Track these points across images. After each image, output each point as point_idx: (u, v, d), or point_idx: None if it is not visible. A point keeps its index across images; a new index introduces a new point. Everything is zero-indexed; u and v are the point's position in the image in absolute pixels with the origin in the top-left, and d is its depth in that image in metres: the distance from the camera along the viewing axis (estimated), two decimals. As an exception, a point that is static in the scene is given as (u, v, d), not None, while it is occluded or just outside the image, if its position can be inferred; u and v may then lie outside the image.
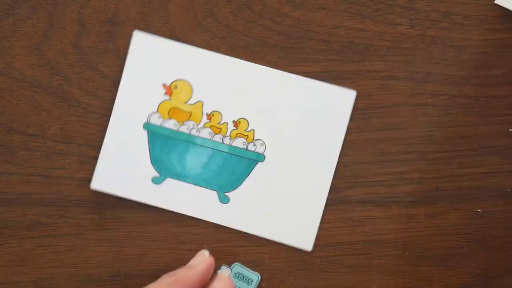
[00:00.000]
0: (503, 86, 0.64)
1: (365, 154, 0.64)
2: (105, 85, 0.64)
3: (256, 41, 0.64)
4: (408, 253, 0.64)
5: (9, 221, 0.65)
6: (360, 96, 0.64)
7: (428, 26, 0.64)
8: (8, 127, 0.65)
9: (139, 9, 0.64)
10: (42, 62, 0.64)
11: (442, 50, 0.64)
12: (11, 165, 0.65)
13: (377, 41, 0.64)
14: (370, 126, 0.64)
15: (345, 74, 0.64)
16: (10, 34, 0.64)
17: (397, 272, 0.64)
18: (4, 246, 0.65)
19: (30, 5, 0.64)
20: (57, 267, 0.65)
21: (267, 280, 0.64)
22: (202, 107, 0.64)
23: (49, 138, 0.65)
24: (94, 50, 0.65)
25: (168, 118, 0.64)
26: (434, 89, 0.64)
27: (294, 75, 0.64)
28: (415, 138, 0.64)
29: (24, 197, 0.64)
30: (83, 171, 0.64)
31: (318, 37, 0.64)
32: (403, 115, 0.64)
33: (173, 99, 0.64)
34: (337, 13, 0.64)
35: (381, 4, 0.64)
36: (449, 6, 0.64)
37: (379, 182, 0.64)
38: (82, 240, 0.64)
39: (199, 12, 0.64)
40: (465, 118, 0.64)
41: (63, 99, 0.65)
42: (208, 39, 0.64)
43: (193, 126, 0.64)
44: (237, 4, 0.64)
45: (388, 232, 0.64)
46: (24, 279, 0.65)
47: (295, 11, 0.64)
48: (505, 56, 0.64)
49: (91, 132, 0.64)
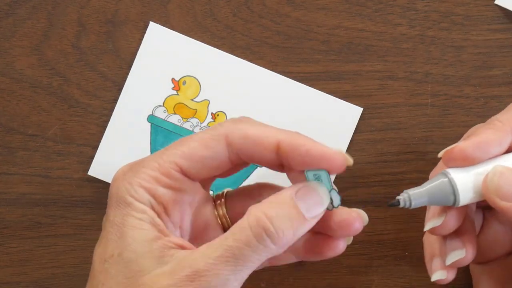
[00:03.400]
0: (502, 86, 0.64)
1: (365, 154, 0.64)
2: (105, 85, 0.64)
3: (255, 41, 0.64)
4: (408, 253, 0.64)
5: (9, 221, 0.65)
6: (360, 96, 0.64)
7: (428, 26, 0.64)
8: (8, 127, 0.65)
9: (139, 9, 0.64)
10: (42, 62, 0.64)
11: (442, 50, 0.64)
12: (11, 165, 0.64)
13: (377, 41, 0.64)
14: (369, 126, 0.64)
15: (345, 74, 0.64)
16: (10, 34, 0.64)
17: (397, 272, 0.64)
18: (4, 246, 0.65)
19: (30, 5, 0.64)
20: (57, 267, 0.65)
21: (267, 280, 0.64)
22: (208, 106, 0.64)
23: (49, 138, 0.64)
24: (94, 50, 0.64)
25: (173, 113, 0.64)
26: (434, 89, 0.64)
27: (305, 86, 0.64)
28: (414, 138, 0.64)
29: (24, 197, 0.64)
30: (83, 171, 0.64)
31: (318, 37, 0.64)
32: (403, 115, 0.64)
33: (180, 95, 0.64)
34: (337, 13, 0.64)
35: (381, 4, 0.64)
36: (449, 6, 0.64)
37: (379, 182, 0.64)
38: (82, 240, 0.64)
39: (199, 12, 0.64)
40: (465, 118, 0.64)
41: (63, 99, 0.65)
42: (208, 39, 0.64)
43: (197, 124, 0.64)
44: (237, 4, 0.64)
45: (388, 232, 0.64)
46: (24, 279, 0.65)
47: (295, 11, 0.64)
48: (505, 56, 0.64)
49: (91, 132, 0.64)
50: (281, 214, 0.47)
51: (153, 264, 0.47)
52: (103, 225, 0.50)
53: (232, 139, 0.50)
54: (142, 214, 0.49)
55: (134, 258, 0.47)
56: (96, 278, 0.49)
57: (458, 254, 0.54)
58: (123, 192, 0.49)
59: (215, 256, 0.47)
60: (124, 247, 0.48)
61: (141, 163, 0.51)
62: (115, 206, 0.49)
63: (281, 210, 0.48)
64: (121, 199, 0.49)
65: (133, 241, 0.48)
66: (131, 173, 0.50)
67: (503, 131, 0.52)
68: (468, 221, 0.54)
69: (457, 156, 0.51)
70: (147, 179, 0.49)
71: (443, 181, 0.51)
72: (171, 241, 0.48)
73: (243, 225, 0.47)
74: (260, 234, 0.47)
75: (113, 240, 0.48)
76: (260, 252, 0.47)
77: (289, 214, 0.48)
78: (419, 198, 0.51)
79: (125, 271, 0.48)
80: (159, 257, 0.48)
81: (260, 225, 0.47)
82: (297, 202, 0.48)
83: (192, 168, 0.50)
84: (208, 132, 0.51)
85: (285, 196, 0.49)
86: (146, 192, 0.49)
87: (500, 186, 0.51)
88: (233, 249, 0.47)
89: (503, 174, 0.51)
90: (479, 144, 0.51)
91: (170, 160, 0.50)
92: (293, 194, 0.49)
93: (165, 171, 0.50)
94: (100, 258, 0.49)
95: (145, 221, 0.48)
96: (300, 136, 0.50)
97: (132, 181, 0.49)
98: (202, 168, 0.50)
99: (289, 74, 0.64)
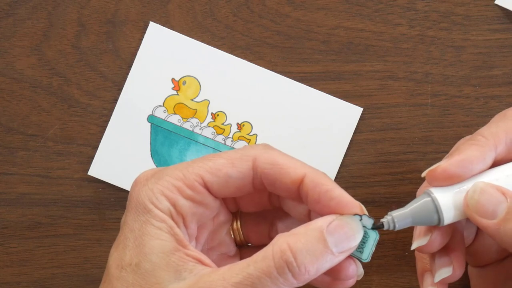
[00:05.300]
0: (502, 86, 0.64)
1: (364, 154, 0.64)
2: (105, 85, 0.64)
3: (255, 41, 0.64)
4: (408, 253, 0.64)
5: (9, 221, 0.65)
6: (360, 96, 0.64)
7: (427, 26, 0.64)
8: (8, 127, 0.65)
9: (139, 9, 0.64)
10: (42, 62, 0.64)
11: (442, 50, 0.64)
12: (11, 165, 0.64)
13: (377, 41, 0.64)
14: (369, 126, 0.64)
15: (345, 74, 0.64)
16: (10, 34, 0.64)
17: (397, 272, 0.64)
18: (4, 246, 0.65)
19: (30, 5, 0.64)
20: (57, 267, 0.65)
21: (267, 280, 0.64)
22: (208, 106, 0.64)
23: (49, 138, 0.64)
24: (94, 50, 0.64)
25: (173, 113, 0.64)
26: (434, 90, 0.64)
27: (305, 86, 0.64)
28: (414, 139, 0.64)
29: (24, 197, 0.64)
30: (83, 171, 0.64)
31: (318, 37, 0.64)
32: (403, 115, 0.64)
33: (180, 95, 0.64)
34: (337, 13, 0.64)
35: (381, 4, 0.64)
36: (449, 6, 0.64)
37: (379, 182, 0.64)
38: (82, 240, 0.64)
39: (199, 12, 0.64)
40: (465, 118, 0.64)
41: (63, 99, 0.65)
42: (208, 39, 0.64)
43: (197, 124, 0.64)
44: (237, 4, 0.64)
45: (388, 232, 0.64)
46: (24, 279, 0.65)
47: (295, 11, 0.64)
48: (505, 56, 0.64)
49: (91, 132, 0.64)
50: (306, 248, 0.47)
51: (171, 278, 0.47)
52: (121, 227, 0.50)
53: (260, 163, 0.50)
54: (161, 223, 0.48)
55: (151, 269, 0.47)
56: (112, 284, 0.48)
57: (445, 272, 0.53)
58: (143, 198, 0.49)
59: (234, 282, 0.46)
60: (142, 257, 0.48)
61: (164, 170, 0.50)
62: (134, 211, 0.49)
63: (308, 243, 0.47)
64: (141, 204, 0.49)
65: (151, 252, 0.48)
66: (154, 180, 0.50)
67: (487, 146, 0.51)
68: (456, 236, 0.54)
69: (440, 176, 0.50)
70: (170, 187, 0.49)
71: (426, 201, 0.51)
72: (189, 254, 0.48)
73: (267, 254, 0.47)
74: (282, 267, 0.46)
75: (131, 248, 0.48)
76: (280, 284, 0.47)
77: (315, 249, 0.47)
78: (403, 219, 0.50)
79: (142, 282, 0.47)
80: (177, 271, 0.47)
81: (284, 258, 0.46)
82: (326, 236, 0.47)
83: (215, 183, 0.50)
84: (238, 151, 0.50)
85: (315, 228, 0.48)
86: (167, 200, 0.49)
87: (480, 204, 0.50)
88: (253, 278, 0.46)
89: (483, 191, 0.50)
90: (462, 162, 0.50)
91: (195, 172, 0.49)
92: (324, 227, 0.48)
93: (188, 182, 0.49)
94: (117, 265, 0.48)
95: (164, 231, 0.48)
96: (326, 176, 0.50)
97: (154, 187, 0.49)
98: (226, 186, 0.50)
99: (289, 74, 0.64)
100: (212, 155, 0.51)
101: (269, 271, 0.46)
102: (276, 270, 0.46)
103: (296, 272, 0.46)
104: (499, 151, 0.51)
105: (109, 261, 0.49)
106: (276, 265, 0.46)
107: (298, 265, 0.46)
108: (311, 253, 0.47)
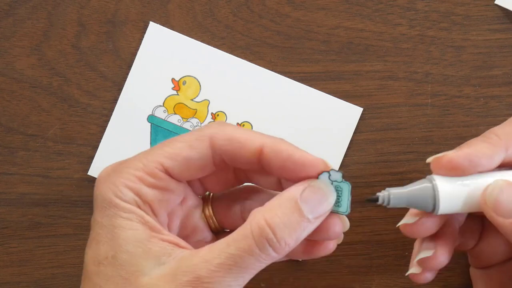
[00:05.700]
0: (502, 86, 0.64)
1: (364, 154, 0.64)
2: (105, 85, 0.64)
3: (255, 41, 0.64)
4: (408, 253, 0.64)
5: (9, 221, 0.65)
6: (360, 96, 0.64)
7: (427, 26, 0.64)
8: (8, 127, 0.65)
9: (139, 9, 0.64)
10: (42, 62, 0.64)
11: (442, 50, 0.64)
12: (11, 165, 0.64)
13: (377, 41, 0.64)
14: (369, 126, 0.64)
15: (345, 74, 0.64)
16: (10, 34, 0.64)
17: (397, 272, 0.64)
18: (4, 246, 0.65)
19: (30, 5, 0.64)
20: (57, 267, 0.65)
21: (267, 280, 0.64)
22: (208, 106, 0.64)
23: (49, 138, 0.64)
24: (94, 50, 0.65)
25: (173, 113, 0.64)
26: (434, 90, 0.64)
27: (305, 86, 0.64)
28: (414, 139, 0.64)
29: (24, 197, 0.64)
30: (83, 171, 0.64)
31: (318, 37, 0.64)
32: (403, 115, 0.64)
33: (180, 95, 0.64)
34: (337, 13, 0.64)
35: (381, 4, 0.64)
36: (449, 6, 0.64)
37: (379, 182, 0.64)
38: (82, 240, 0.64)
39: (199, 12, 0.64)
40: (465, 118, 0.64)
41: (63, 99, 0.65)
42: (208, 39, 0.64)
43: (197, 124, 0.64)
44: (237, 4, 0.64)
45: (388, 232, 0.64)
46: (24, 279, 0.65)
47: (295, 11, 0.64)
48: (505, 56, 0.64)
49: (91, 132, 0.64)
50: (284, 222, 0.47)
51: (150, 264, 0.47)
52: (91, 227, 0.50)
53: (217, 140, 0.50)
54: (130, 214, 0.49)
55: (129, 259, 0.47)
56: (92, 280, 0.48)
57: (426, 253, 0.53)
58: (108, 193, 0.49)
59: (217, 263, 0.47)
60: (117, 249, 0.48)
61: (124, 163, 0.50)
62: (101, 208, 0.49)
63: (285, 216, 0.47)
64: (106, 200, 0.49)
65: (125, 243, 0.48)
66: (115, 174, 0.50)
67: (498, 145, 0.51)
68: (448, 230, 0.53)
69: (445, 165, 0.51)
70: (132, 178, 0.49)
71: (426, 186, 0.51)
72: (165, 239, 0.48)
73: (246, 233, 0.47)
74: (263, 244, 0.47)
75: (104, 242, 0.48)
76: (262, 260, 0.47)
77: (292, 221, 0.48)
78: (399, 198, 0.51)
79: (122, 273, 0.47)
80: (156, 257, 0.47)
81: (264, 235, 0.47)
82: (301, 205, 0.48)
83: (176, 168, 0.50)
84: (193, 133, 0.51)
85: (289, 198, 0.48)
86: (131, 191, 0.49)
87: (498, 201, 0.50)
88: (235, 257, 0.47)
89: (503, 189, 0.50)
90: (469, 155, 0.50)
91: (154, 160, 0.50)
92: (297, 196, 0.48)
93: (149, 170, 0.50)
94: (93, 261, 0.48)
95: (135, 221, 0.48)
96: (284, 142, 0.50)
97: (116, 181, 0.49)
98: (187, 169, 0.50)
99: (289, 74, 0.64)
100: (169, 140, 0.51)
101: (251, 249, 0.47)
102: (257, 248, 0.47)
103: (277, 246, 0.47)
104: (509, 153, 0.51)
105: (85, 260, 0.49)
106: (256, 242, 0.47)
107: (278, 240, 0.47)
108: (289, 225, 0.47)
